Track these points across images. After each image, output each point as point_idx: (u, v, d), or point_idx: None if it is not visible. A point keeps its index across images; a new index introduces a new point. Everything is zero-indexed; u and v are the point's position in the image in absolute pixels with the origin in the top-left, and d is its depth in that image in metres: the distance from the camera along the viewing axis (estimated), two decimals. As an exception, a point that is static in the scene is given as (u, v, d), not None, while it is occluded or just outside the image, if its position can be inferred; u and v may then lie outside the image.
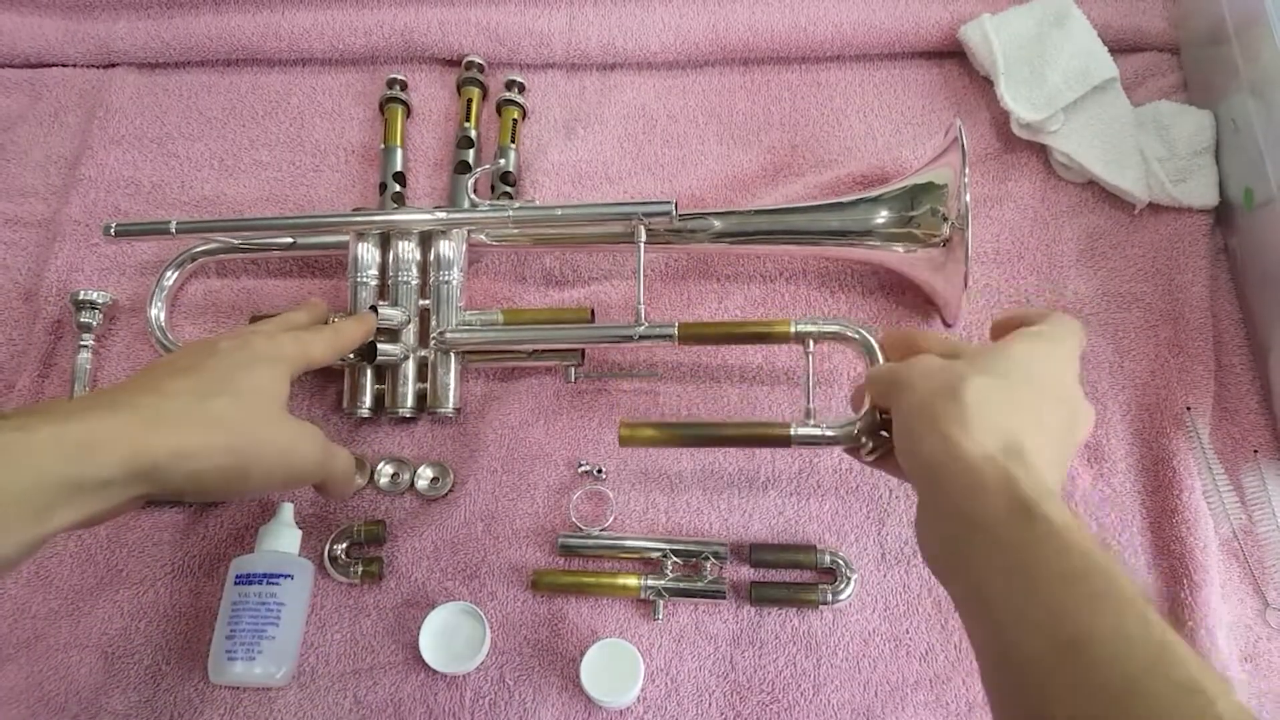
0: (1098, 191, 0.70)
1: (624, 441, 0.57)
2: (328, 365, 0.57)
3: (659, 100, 0.76)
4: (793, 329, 0.58)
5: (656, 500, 0.62)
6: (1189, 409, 0.62)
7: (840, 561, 0.59)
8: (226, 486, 0.45)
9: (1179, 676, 0.31)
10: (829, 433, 0.54)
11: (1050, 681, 0.33)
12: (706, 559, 0.59)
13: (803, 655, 0.58)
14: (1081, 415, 0.45)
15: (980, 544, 0.38)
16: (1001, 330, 0.51)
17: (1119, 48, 0.72)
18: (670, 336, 0.60)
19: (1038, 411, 0.42)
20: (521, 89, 0.74)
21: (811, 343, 0.58)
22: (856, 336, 0.56)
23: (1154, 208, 0.68)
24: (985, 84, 0.73)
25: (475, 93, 0.74)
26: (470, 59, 0.75)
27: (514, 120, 0.73)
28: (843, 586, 0.58)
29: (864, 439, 0.52)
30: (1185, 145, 0.68)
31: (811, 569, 0.60)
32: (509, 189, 0.70)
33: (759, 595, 0.58)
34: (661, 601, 0.58)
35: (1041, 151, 0.71)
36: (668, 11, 0.76)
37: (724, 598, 0.58)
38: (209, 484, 0.43)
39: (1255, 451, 0.62)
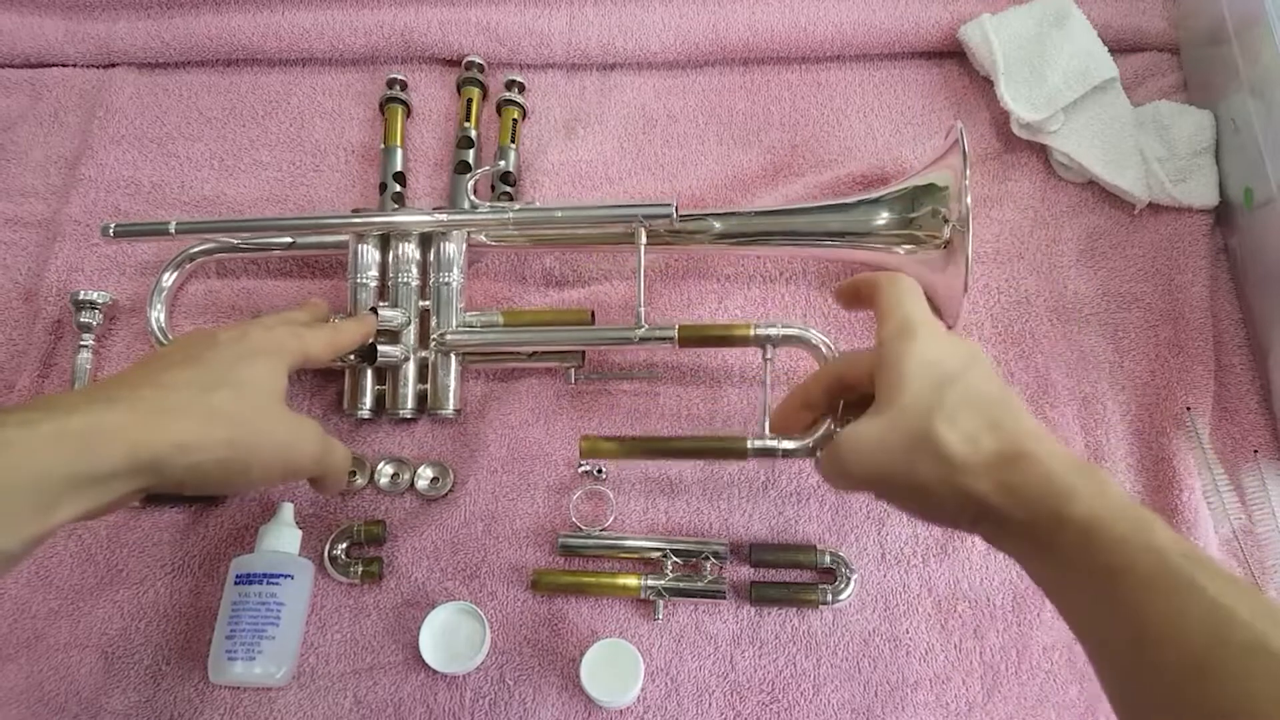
0: (1098, 191, 0.70)
1: (585, 455, 0.57)
2: (326, 364, 0.57)
3: (659, 100, 0.76)
4: (752, 332, 0.58)
5: (656, 500, 0.62)
6: (1189, 409, 0.62)
7: (840, 561, 0.59)
8: (226, 479, 0.45)
9: (1240, 638, 0.31)
10: (786, 445, 0.54)
11: (1133, 679, 0.34)
12: (706, 559, 0.59)
13: (802, 655, 0.58)
14: (980, 357, 0.45)
15: (1034, 562, 0.39)
16: (850, 302, 0.52)
17: (1119, 48, 0.72)
18: (670, 339, 0.60)
19: (981, 397, 0.42)
20: (521, 89, 0.74)
21: (771, 348, 0.58)
22: (818, 343, 0.57)
23: (1154, 208, 0.68)
24: (985, 84, 0.73)
25: (475, 93, 0.74)
26: (470, 59, 0.75)
27: (514, 120, 0.73)
28: (842, 586, 0.58)
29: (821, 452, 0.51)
30: (1185, 145, 0.68)
31: (811, 569, 0.60)
32: (509, 189, 0.70)
33: (759, 595, 0.58)
34: (661, 601, 0.58)
35: (1041, 151, 0.71)
36: (668, 11, 0.76)
37: (724, 597, 0.58)
38: (209, 476, 0.43)
39: (1255, 451, 0.62)
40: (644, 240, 0.62)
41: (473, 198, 0.65)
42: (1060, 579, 0.38)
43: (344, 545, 0.61)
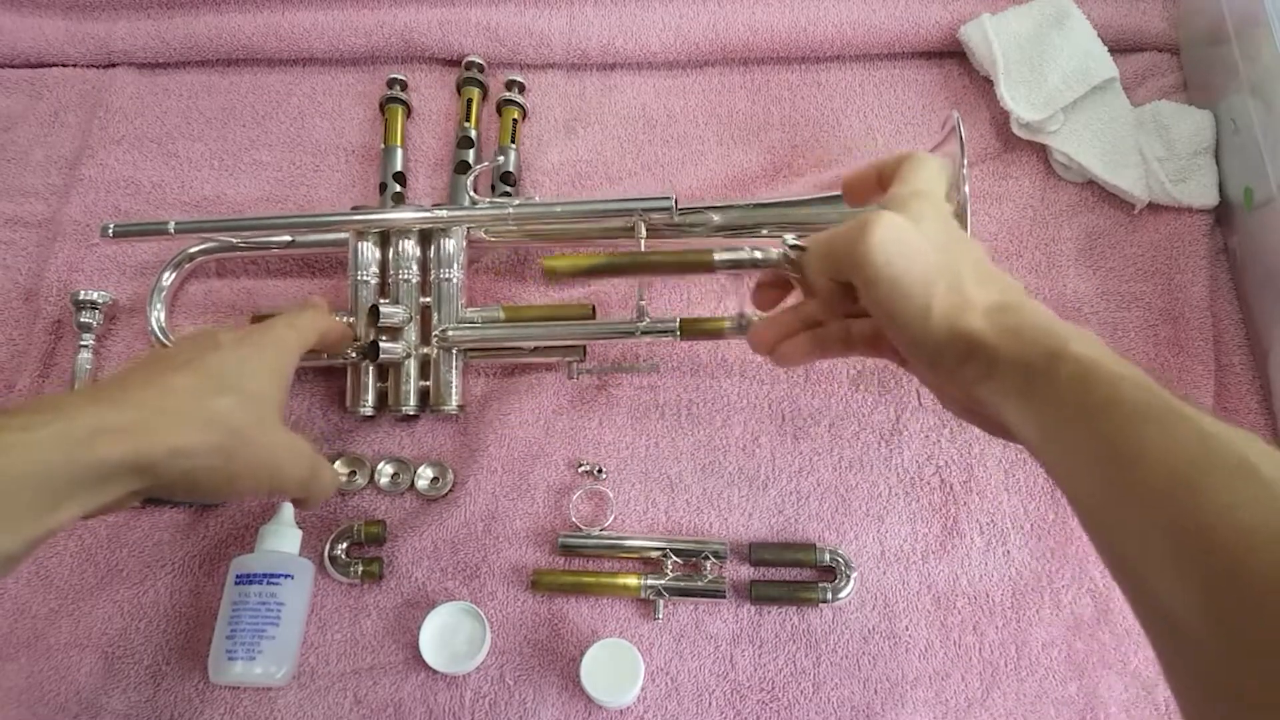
0: (1097, 191, 0.70)
1: (549, 275, 0.56)
2: (328, 331, 0.56)
3: (659, 100, 0.76)
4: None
5: (656, 499, 0.62)
6: (1189, 408, 0.62)
7: (840, 559, 0.59)
8: (214, 488, 0.45)
9: (1228, 461, 0.31)
10: (755, 255, 0.51)
11: (1120, 504, 0.34)
12: (706, 558, 0.59)
13: (803, 653, 0.58)
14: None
15: (1019, 400, 0.39)
16: (869, 187, 0.51)
17: (1119, 48, 0.72)
18: (672, 331, 0.60)
19: (986, 261, 0.44)
20: (521, 89, 0.75)
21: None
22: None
23: (1154, 207, 0.68)
24: (985, 84, 0.73)
25: (475, 93, 0.74)
26: (470, 59, 0.75)
27: (514, 120, 0.73)
28: (842, 584, 0.58)
29: (792, 263, 0.49)
30: (1185, 145, 0.68)
31: (811, 567, 0.60)
32: (509, 189, 0.70)
33: (759, 594, 0.59)
34: (661, 601, 0.59)
35: (1041, 151, 0.71)
36: (668, 11, 0.76)
37: (724, 597, 0.58)
38: (199, 483, 0.43)
39: (1255, 451, 0.62)
40: (644, 234, 0.62)
41: (473, 195, 0.66)
42: (1048, 414, 0.38)
43: (344, 545, 0.61)
